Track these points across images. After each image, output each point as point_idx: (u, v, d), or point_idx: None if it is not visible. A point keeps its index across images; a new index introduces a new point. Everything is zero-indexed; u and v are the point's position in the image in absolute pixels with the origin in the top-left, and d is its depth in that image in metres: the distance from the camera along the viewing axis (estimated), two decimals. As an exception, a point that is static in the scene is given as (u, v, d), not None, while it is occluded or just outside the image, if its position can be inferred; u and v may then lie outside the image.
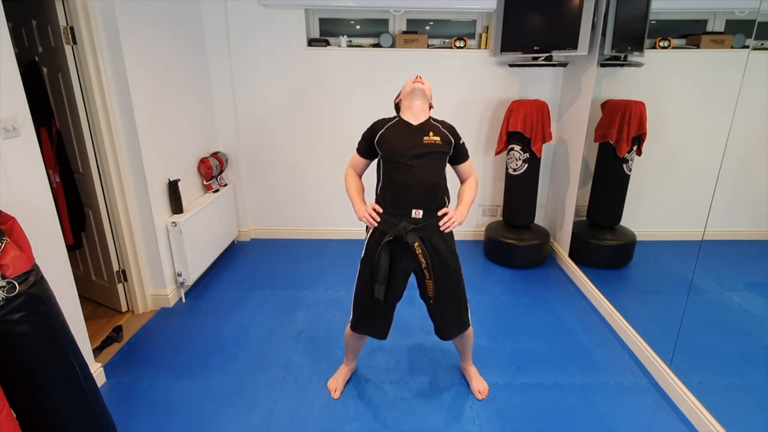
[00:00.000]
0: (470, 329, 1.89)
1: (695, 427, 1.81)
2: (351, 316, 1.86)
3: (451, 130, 1.76)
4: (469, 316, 1.86)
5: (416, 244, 1.64)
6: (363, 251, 1.76)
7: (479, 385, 2.01)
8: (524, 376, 2.11)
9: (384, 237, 1.66)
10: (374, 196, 1.78)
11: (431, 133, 1.69)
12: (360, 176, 1.89)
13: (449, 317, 1.82)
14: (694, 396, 1.85)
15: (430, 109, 1.80)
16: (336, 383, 2.02)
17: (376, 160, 1.80)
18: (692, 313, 1.97)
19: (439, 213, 1.69)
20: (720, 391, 1.91)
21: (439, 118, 1.78)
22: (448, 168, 1.77)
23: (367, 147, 1.79)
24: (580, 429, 1.81)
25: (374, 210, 1.71)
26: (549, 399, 1.97)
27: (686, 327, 1.97)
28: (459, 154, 1.78)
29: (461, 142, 1.77)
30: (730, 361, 2.07)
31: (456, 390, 2.02)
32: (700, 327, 2.12)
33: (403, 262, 1.71)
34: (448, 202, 1.75)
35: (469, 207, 1.78)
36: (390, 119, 1.78)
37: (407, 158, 1.65)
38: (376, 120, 1.79)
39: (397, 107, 1.84)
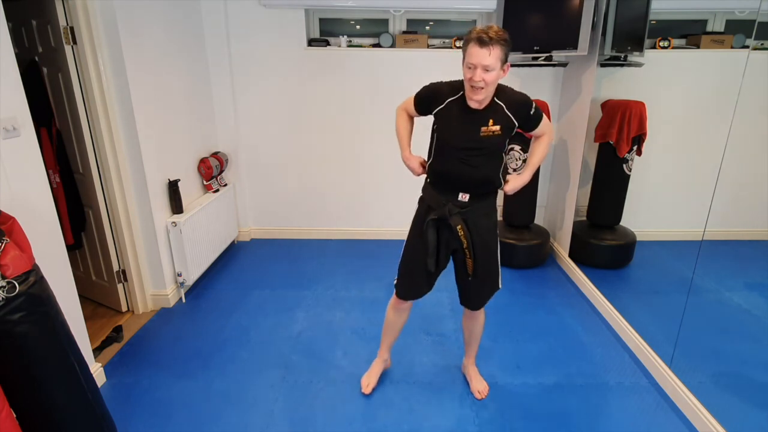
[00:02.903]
0: (482, 315, 1.92)
1: (695, 427, 1.81)
2: (396, 282, 1.88)
3: (519, 106, 1.58)
4: (500, 278, 1.85)
5: (459, 227, 1.65)
6: (412, 219, 1.80)
7: (479, 385, 2.01)
8: (524, 376, 2.11)
9: (430, 210, 1.70)
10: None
11: (491, 122, 1.56)
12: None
13: (485, 290, 1.84)
14: (694, 396, 1.85)
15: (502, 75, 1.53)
16: (369, 379, 2.03)
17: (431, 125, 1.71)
18: (692, 313, 1.97)
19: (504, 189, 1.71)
20: (720, 391, 1.91)
21: (509, 89, 1.61)
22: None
23: (425, 108, 1.69)
24: (580, 429, 1.81)
25: (421, 166, 1.74)
26: (549, 399, 1.97)
27: (686, 327, 1.97)
28: (529, 125, 1.64)
29: (531, 112, 1.59)
30: (730, 361, 2.07)
31: (456, 390, 2.02)
32: (700, 327, 2.12)
33: (445, 239, 1.74)
34: (502, 185, 1.72)
35: (534, 169, 1.72)
36: (453, 91, 1.60)
37: (460, 151, 1.60)
38: (438, 83, 1.66)
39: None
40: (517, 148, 3.05)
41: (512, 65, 3.21)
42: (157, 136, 2.55)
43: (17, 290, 1.15)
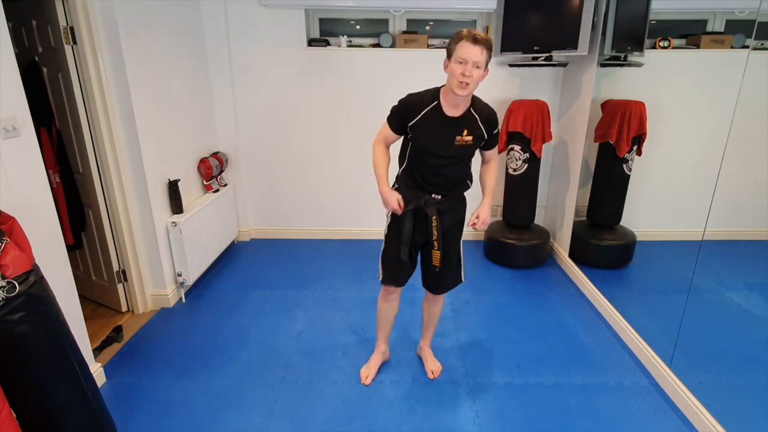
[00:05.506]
0: (443, 299, 2.03)
1: (695, 427, 1.81)
2: (380, 274, 1.92)
3: (489, 122, 1.69)
4: (464, 272, 1.93)
5: (434, 217, 1.73)
6: (389, 216, 1.84)
7: (433, 365, 2.12)
8: (524, 376, 2.11)
9: (407, 204, 1.75)
10: (397, 166, 1.85)
11: (465, 132, 1.65)
12: (388, 147, 1.84)
13: (448, 279, 1.92)
14: (694, 396, 1.85)
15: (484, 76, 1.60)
16: (368, 371, 2.08)
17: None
18: (692, 313, 1.97)
19: (469, 225, 1.79)
20: (720, 391, 1.91)
21: (483, 103, 1.70)
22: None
23: (400, 126, 1.71)
24: (580, 429, 1.81)
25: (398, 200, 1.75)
26: (549, 399, 1.97)
27: (686, 327, 1.97)
28: (489, 143, 1.76)
29: (495, 132, 1.73)
30: (730, 361, 2.07)
31: (456, 390, 2.02)
32: (700, 327, 2.12)
33: (419, 229, 1.80)
34: (471, 184, 1.83)
35: (493, 195, 1.83)
36: (427, 101, 1.65)
37: (435, 157, 1.68)
38: (412, 95, 1.69)
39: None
40: (517, 148, 3.05)
41: (512, 65, 3.22)
42: (157, 136, 2.55)
43: (17, 290, 1.15)
